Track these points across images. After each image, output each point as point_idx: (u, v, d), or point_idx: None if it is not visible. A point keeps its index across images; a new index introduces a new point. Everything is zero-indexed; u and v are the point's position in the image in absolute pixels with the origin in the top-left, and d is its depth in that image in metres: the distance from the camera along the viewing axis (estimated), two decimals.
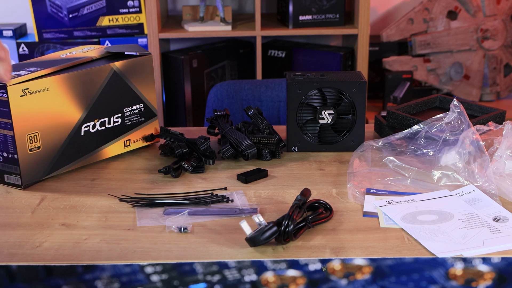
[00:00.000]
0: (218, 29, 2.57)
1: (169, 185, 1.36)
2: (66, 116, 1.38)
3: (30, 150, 1.33)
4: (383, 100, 2.70)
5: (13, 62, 2.61)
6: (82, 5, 2.54)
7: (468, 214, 1.20)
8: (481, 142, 1.34)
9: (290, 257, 1.07)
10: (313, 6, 2.56)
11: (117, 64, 1.44)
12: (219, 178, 1.39)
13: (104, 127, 1.45)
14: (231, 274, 1.01)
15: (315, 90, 1.48)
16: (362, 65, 2.57)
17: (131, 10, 2.59)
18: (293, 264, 1.01)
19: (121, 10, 2.58)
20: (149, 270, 1.01)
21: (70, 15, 2.54)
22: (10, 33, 2.57)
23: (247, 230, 1.09)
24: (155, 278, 1.00)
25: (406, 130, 1.45)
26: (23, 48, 2.56)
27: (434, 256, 1.07)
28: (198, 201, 1.26)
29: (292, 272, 1.01)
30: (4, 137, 1.31)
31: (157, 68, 2.55)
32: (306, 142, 1.52)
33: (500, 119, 1.55)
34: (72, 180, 1.39)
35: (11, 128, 1.29)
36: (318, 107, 1.49)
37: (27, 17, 2.72)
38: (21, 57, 2.56)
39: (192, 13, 2.68)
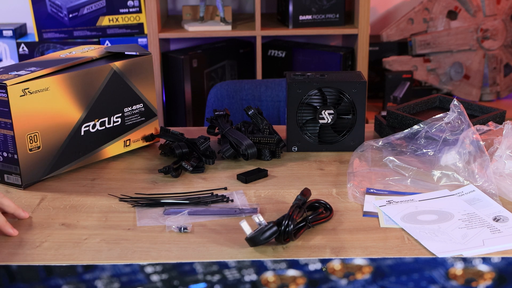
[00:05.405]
0: (218, 29, 2.57)
1: (169, 185, 1.36)
2: (66, 116, 1.38)
3: (30, 150, 1.33)
4: (383, 100, 2.70)
5: (13, 62, 2.59)
6: (82, 5, 2.54)
7: (468, 214, 1.20)
8: (481, 142, 1.34)
9: (290, 257, 1.07)
10: (313, 6, 2.56)
11: (117, 64, 1.44)
12: (219, 178, 1.39)
13: (104, 127, 1.45)
14: (231, 274, 1.01)
15: (315, 90, 1.48)
16: (362, 65, 2.57)
17: (131, 10, 2.59)
18: (293, 264, 1.02)
19: (121, 10, 2.58)
20: (149, 270, 1.01)
21: (70, 15, 2.54)
22: (10, 33, 2.57)
23: (247, 230, 1.09)
24: (155, 278, 1.00)
25: (406, 130, 1.45)
26: (23, 48, 2.56)
27: (434, 256, 1.07)
28: (198, 201, 1.26)
29: (292, 272, 1.01)
30: (4, 137, 1.31)
31: (157, 68, 2.55)
32: (306, 142, 1.52)
33: (500, 119, 1.55)
34: (72, 180, 1.39)
35: (11, 128, 1.29)
36: (318, 107, 1.49)
37: (27, 17, 2.72)
38: (21, 57, 2.56)
39: (192, 13, 2.68)
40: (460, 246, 1.09)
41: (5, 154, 1.32)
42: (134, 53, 1.50)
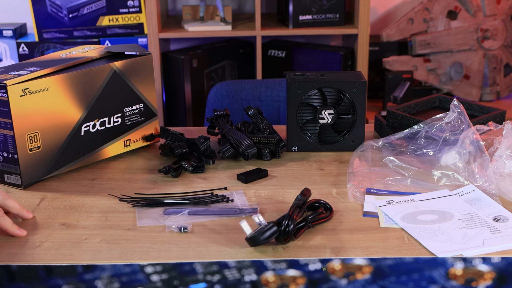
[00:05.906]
0: (218, 29, 2.57)
1: (169, 185, 1.36)
2: (66, 116, 1.38)
3: (30, 150, 1.33)
4: (383, 100, 2.70)
5: (13, 62, 2.59)
6: (82, 5, 2.54)
7: (468, 214, 1.20)
8: (481, 142, 1.34)
9: (290, 257, 1.07)
10: (313, 6, 2.56)
11: (117, 64, 1.44)
12: (219, 178, 1.39)
13: (104, 127, 1.45)
14: (231, 274, 1.01)
15: (315, 90, 1.48)
16: (362, 65, 2.57)
17: (131, 10, 2.59)
18: (293, 264, 1.02)
19: (121, 10, 2.58)
20: (149, 270, 1.01)
21: (70, 15, 2.54)
22: (10, 33, 2.57)
23: (247, 230, 1.09)
24: (155, 278, 1.00)
25: (406, 130, 1.45)
26: (23, 48, 2.56)
27: (434, 256, 1.07)
28: (198, 201, 1.26)
29: (292, 272, 1.01)
30: (4, 137, 1.31)
31: (157, 68, 2.55)
32: (306, 142, 1.52)
33: (500, 119, 1.55)
34: (72, 180, 1.39)
35: (11, 128, 1.29)
36: (318, 107, 1.49)
37: (27, 17, 2.72)
38: (21, 57, 2.56)
39: (192, 13, 2.68)
40: (460, 246, 1.09)
41: (5, 154, 1.32)
42: (134, 53, 1.50)
